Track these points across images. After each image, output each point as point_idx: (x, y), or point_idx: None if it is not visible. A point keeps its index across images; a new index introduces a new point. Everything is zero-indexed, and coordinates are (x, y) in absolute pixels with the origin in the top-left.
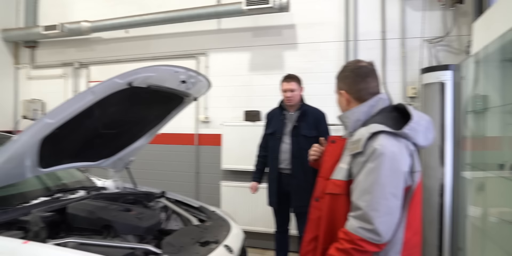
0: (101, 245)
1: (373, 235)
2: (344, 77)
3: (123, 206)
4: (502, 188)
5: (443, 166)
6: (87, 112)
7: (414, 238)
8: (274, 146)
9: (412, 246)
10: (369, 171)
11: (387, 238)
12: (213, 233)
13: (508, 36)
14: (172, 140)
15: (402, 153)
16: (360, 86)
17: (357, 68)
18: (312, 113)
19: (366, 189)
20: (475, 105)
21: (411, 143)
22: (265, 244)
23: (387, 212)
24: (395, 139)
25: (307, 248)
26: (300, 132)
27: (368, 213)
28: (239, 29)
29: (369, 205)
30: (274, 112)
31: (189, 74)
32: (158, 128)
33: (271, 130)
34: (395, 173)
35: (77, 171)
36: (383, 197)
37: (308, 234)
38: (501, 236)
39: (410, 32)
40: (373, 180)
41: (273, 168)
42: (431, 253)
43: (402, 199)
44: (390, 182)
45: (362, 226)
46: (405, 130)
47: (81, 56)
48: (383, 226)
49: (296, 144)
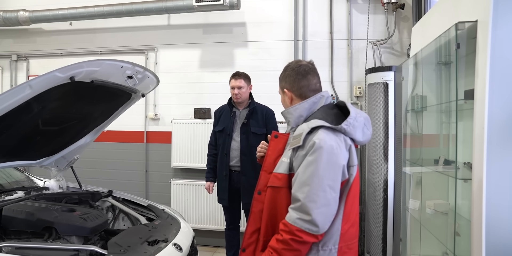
0: (41, 248)
1: (310, 226)
2: (286, 76)
3: (66, 206)
4: (436, 182)
5: (387, 163)
6: (25, 107)
7: (351, 229)
8: (224, 144)
9: (350, 238)
10: (308, 164)
11: (325, 229)
12: (162, 232)
13: (442, 40)
14: (120, 138)
15: (340, 147)
16: (301, 83)
17: (297, 67)
18: (261, 111)
19: (305, 181)
20: (414, 104)
21: (349, 138)
22: (216, 242)
23: (324, 203)
24: (333, 134)
25: (249, 240)
26: (249, 129)
27: (306, 204)
28: (189, 26)
29: (307, 196)
30: (222, 110)
31: (135, 69)
32: (105, 125)
33: (220, 127)
34: (332, 166)
35: (15, 171)
36: (321, 189)
37: (250, 227)
38: (435, 226)
39: (356, 34)
40: (311, 172)
41: (223, 165)
42: (376, 244)
43: (339, 192)
44: (328, 175)
45: (300, 217)
46: (343, 125)
47: (20, 48)
48: (320, 217)
49: (245, 141)
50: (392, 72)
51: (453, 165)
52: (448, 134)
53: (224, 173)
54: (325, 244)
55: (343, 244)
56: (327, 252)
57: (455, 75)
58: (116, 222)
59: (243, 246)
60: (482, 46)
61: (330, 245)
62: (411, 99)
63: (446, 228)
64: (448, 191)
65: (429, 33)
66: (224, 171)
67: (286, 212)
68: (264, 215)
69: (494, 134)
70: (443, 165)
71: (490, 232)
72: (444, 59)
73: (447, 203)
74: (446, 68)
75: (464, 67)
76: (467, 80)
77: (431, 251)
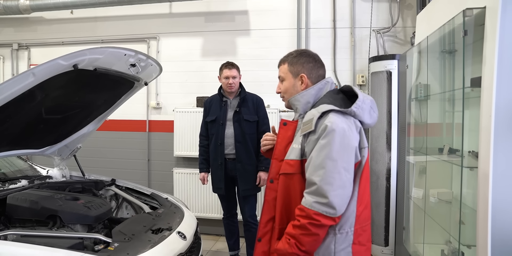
0: (45, 236)
1: (328, 208)
2: (304, 62)
3: (70, 195)
4: (441, 171)
5: (390, 151)
6: (28, 96)
7: (365, 211)
8: (218, 133)
9: (364, 219)
10: (321, 147)
11: (342, 211)
12: (165, 220)
13: (446, 28)
14: (122, 127)
15: (352, 130)
16: (319, 72)
17: (314, 55)
18: (251, 99)
19: (319, 164)
20: (418, 93)
21: (358, 121)
22: (219, 230)
23: (340, 185)
24: (344, 117)
25: (264, 229)
26: (241, 117)
27: (322, 187)
28: (191, 14)
29: (323, 179)
30: (213, 100)
31: (138, 57)
32: (107, 114)
33: (212, 117)
34: (346, 148)
35: (19, 159)
36: (336, 171)
37: (265, 216)
38: (439, 215)
39: (360, 22)
40: (325, 155)
41: (219, 154)
42: (379, 233)
43: (353, 174)
44: (342, 157)
45: (317, 200)
46: (353, 108)
47: (21, 36)
48: (337, 199)
49: (238, 129)
50: (395, 61)
51: (458, 153)
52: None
53: (220, 162)
54: (342, 227)
55: (358, 226)
56: (344, 235)
57: (462, 63)
58: (119, 211)
59: (259, 235)
60: (491, 33)
61: (347, 228)
62: (414, 87)
63: (449, 216)
64: (452, 180)
65: (434, 21)
66: (219, 160)
67: (300, 199)
68: (278, 203)
69: (501, 122)
70: (448, 154)
71: (496, 221)
72: (450, 47)
73: (450, 192)
74: (451, 56)
75: (471, 55)
76: (474, 68)
77: (434, 239)
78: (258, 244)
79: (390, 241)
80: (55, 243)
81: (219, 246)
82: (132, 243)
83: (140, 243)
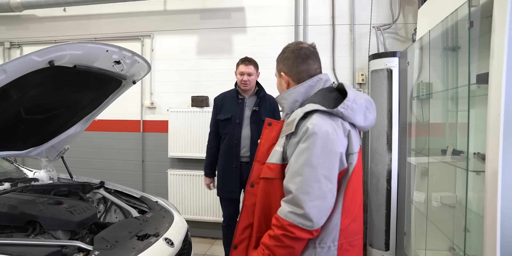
0: (20, 245)
1: (304, 220)
2: (285, 58)
3: (53, 198)
4: (443, 173)
5: (391, 152)
6: (1, 94)
7: (352, 224)
8: (233, 132)
9: (352, 234)
10: (301, 151)
11: (320, 224)
12: (153, 226)
13: (450, 21)
14: (115, 127)
15: (337, 133)
16: (300, 68)
17: (298, 49)
18: (269, 100)
19: (297, 171)
20: (419, 91)
21: (349, 123)
22: (214, 233)
23: (319, 195)
24: (330, 118)
25: (241, 236)
26: (260, 117)
27: (298, 197)
28: (186, 11)
29: (300, 188)
30: (226, 96)
31: (122, 53)
32: (95, 114)
33: (226, 115)
34: (328, 154)
35: (4, 161)
36: (314, 179)
37: (242, 222)
38: (442, 220)
39: (359, 19)
40: (304, 161)
41: (233, 156)
42: (379, 237)
43: (336, 183)
44: (323, 164)
45: (292, 210)
46: (340, 108)
47: (13, 35)
48: (314, 211)
49: (256, 130)
50: (396, 58)
51: (462, 155)
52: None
53: (234, 164)
54: (323, 241)
55: (343, 241)
56: (325, 249)
57: (468, 58)
58: (107, 215)
59: (235, 242)
60: (499, 25)
61: (329, 242)
62: (416, 85)
63: (453, 222)
64: (456, 183)
65: (437, 14)
66: (234, 162)
67: (280, 206)
68: (257, 209)
69: (511, 122)
70: (452, 156)
71: (505, 229)
72: (454, 42)
73: (454, 196)
74: (454, 52)
75: (477, 51)
76: (480, 64)
77: (437, 246)
78: (234, 252)
79: (391, 246)
80: (30, 252)
81: (214, 250)
82: (114, 251)
83: (123, 251)
